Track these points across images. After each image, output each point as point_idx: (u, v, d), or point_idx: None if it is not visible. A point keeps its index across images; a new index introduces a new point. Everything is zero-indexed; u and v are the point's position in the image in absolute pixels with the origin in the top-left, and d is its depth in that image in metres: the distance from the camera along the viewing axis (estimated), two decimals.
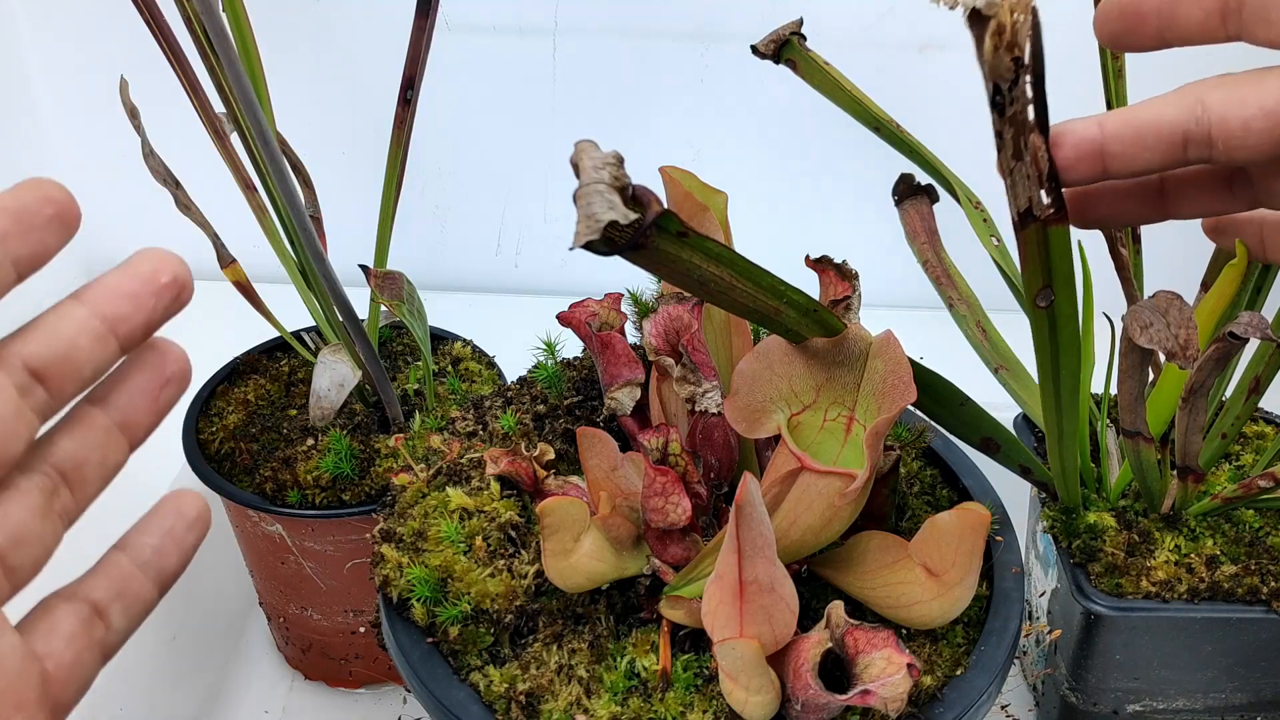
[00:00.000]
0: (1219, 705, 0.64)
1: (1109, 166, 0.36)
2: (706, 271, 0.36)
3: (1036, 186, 0.36)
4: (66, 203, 0.31)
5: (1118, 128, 0.36)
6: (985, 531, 0.43)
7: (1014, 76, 0.33)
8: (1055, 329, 0.42)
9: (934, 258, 0.61)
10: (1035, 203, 0.36)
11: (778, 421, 0.44)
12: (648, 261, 0.34)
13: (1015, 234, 0.38)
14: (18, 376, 0.30)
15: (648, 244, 0.33)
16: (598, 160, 0.31)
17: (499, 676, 0.44)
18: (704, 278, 0.36)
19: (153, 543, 0.36)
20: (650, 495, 0.44)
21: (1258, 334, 0.44)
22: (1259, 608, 0.59)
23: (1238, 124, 0.34)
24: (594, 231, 0.30)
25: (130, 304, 0.32)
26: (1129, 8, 0.38)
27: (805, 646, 0.41)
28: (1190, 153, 0.36)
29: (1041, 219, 0.36)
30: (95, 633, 0.34)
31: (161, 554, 0.36)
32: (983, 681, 0.45)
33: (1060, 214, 0.36)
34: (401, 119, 0.67)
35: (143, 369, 0.34)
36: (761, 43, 0.57)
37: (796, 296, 0.40)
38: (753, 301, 0.38)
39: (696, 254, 0.35)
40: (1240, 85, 0.35)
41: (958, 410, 0.49)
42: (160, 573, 0.36)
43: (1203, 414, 0.53)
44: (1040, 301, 0.40)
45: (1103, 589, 0.59)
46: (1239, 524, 0.62)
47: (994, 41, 0.32)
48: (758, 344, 0.44)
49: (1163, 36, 0.38)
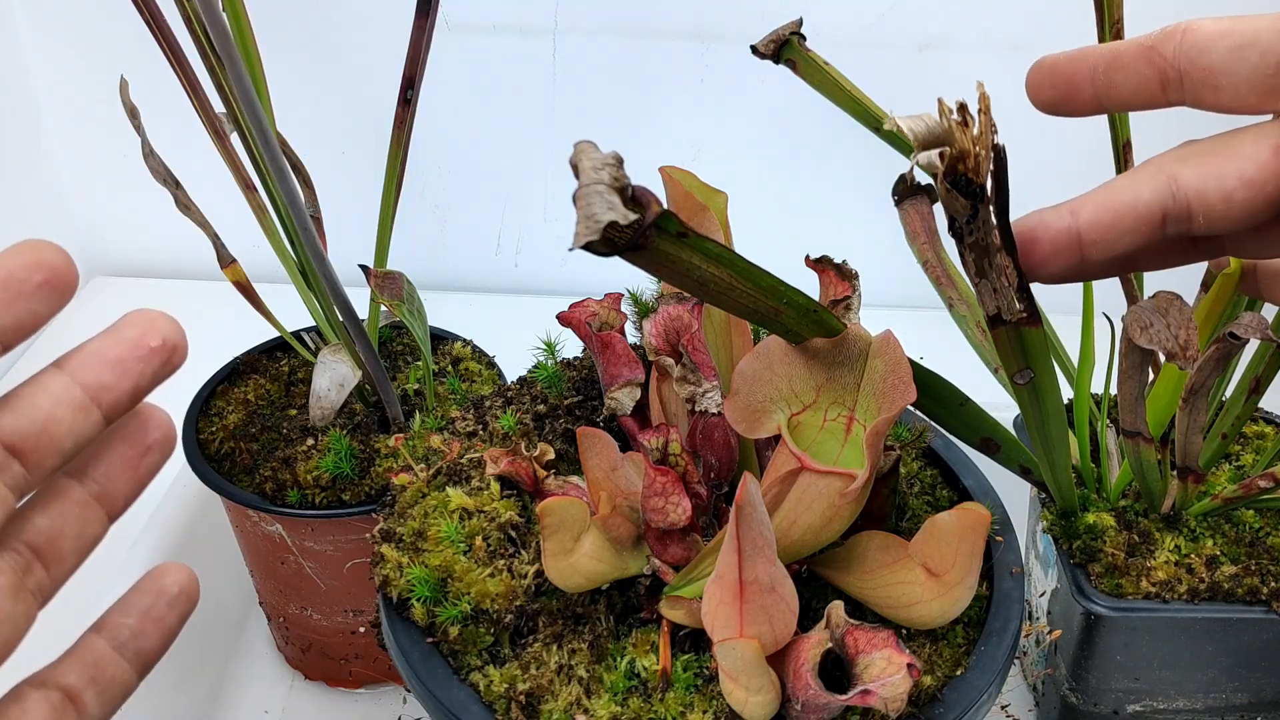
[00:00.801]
0: (1219, 705, 0.63)
1: (1086, 255, 0.35)
2: (706, 272, 0.36)
3: (1007, 296, 0.35)
4: (59, 266, 0.29)
5: (1093, 215, 0.34)
6: (985, 531, 0.43)
7: (972, 210, 0.33)
8: (1038, 400, 0.42)
9: (934, 258, 0.61)
10: (1005, 309, 0.36)
11: (778, 421, 0.44)
12: (647, 262, 0.34)
13: (988, 330, 0.37)
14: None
15: (647, 245, 0.33)
16: (597, 161, 0.31)
17: (499, 676, 0.44)
18: (704, 278, 0.36)
19: (130, 624, 0.34)
20: (650, 495, 0.44)
21: (1258, 334, 0.44)
22: (1259, 608, 0.59)
23: (1218, 197, 0.33)
24: (593, 232, 0.30)
25: (115, 372, 0.31)
26: (1061, 76, 0.37)
27: (805, 646, 0.41)
28: (1169, 229, 0.34)
29: (1013, 322, 0.36)
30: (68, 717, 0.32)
31: (140, 635, 0.34)
32: (983, 682, 0.45)
33: (1032, 317, 0.36)
34: (401, 119, 0.67)
35: (123, 439, 0.33)
36: (761, 43, 0.57)
37: (796, 297, 0.40)
38: (753, 302, 0.38)
39: (696, 255, 0.35)
40: (1213, 156, 0.34)
41: (957, 410, 0.49)
42: (139, 654, 0.34)
43: (1203, 414, 0.53)
44: (1019, 380, 0.40)
45: (1103, 589, 0.59)
46: (1239, 524, 0.62)
47: (944, 186, 0.32)
48: (758, 344, 0.44)
49: (1100, 103, 0.37)
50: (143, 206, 0.96)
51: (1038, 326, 0.36)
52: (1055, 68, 0.38)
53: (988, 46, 1.05)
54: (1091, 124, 0.68)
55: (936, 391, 0.48)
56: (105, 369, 0.31)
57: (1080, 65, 0.37)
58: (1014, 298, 0.35)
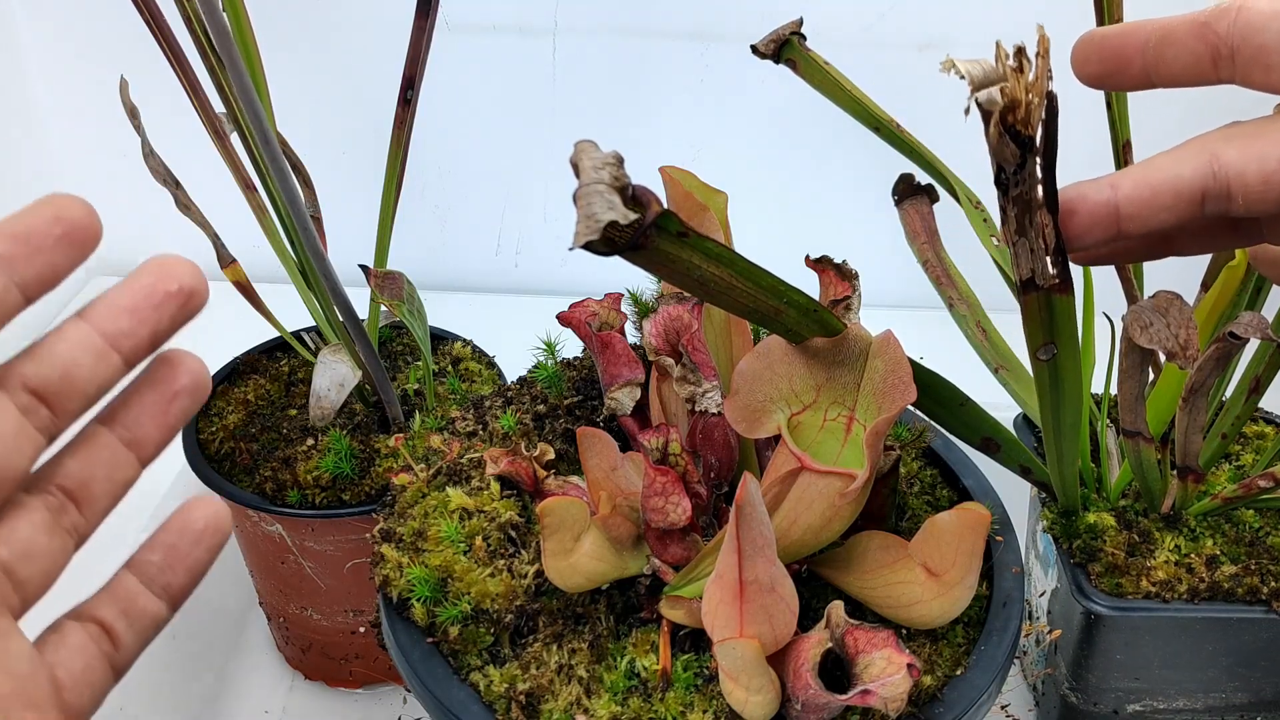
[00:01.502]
0: (1219, 705, 0.63)
1: (1124, 229, 0.35)
2: (706, 272, 0.36)
3: (1042, 260, 0.35)
4: (81, 219, 0.30)
5: (1132, 190, 0.34)
6: (985, 531, 0.43)
7: (1020, 160, 0.32)
8: (1057, 381, 0.42)
9: (934, 257, 0.61)
10: (1039, 273, 0.35)
11: (778, 421, 0.44)
12: (647, 262, 0.34)
13: (1018, 297, 0.37)
14: (20, 398, 0.30)
15: (647, 244, 0.32)
16: (597, 160, 0.31)
17: (499, 676, 0.44)
18: (704, 278, 0.36)
19: (157, 560, 0.36)
20: (650, 495, 0.44)
21: (1258, 334, 0.44)
22: (1259, 608, 0.59)
23: (1258, 179, 0.33)
24: (594, 232, 0.30)
25: (131, 319, 0.32)
26: (1110, 49, 0.37)
27: (805, 646, 0.41)
28: (1208, 208, 0.34)
29: (1045, 288, 0.36)
30: (104, 648, 0.34)
31: (167, 571, 0.36)
32: (983, 681, 0.45)
33: (1065, 284, 0.36)
34: (401, 119, 0.67)
35: (153, 385, 0.34)
36: (761, 43, 0.57)
37: (797, 297, 0.40)
38: (753, 302, 0.38)
39: (696, 254, 0.35)
40: (1257, 138, 0.34)
41: (958, 410, 0.49)
42: (168, 589, 0.36)
43: (1203, 414, 0.53)
44: (1042, 355, 0.40)
45: (1103, 589, 0.59)
46: (1239, 524, 0.62)
47: (997, 129, 0.32)
48: (758, 344, 0.44)
49: (1148, 78, 0.37)
50: (143, 206, 0.96)
51: (1069, 294, 0.36)
52: (1104, 41, 0.37)
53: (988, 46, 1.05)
54: (1092, 123, 0.68)
55: (937, 391, 0.48)
56: (122, 316, 0.32)
57: (1130, 39, 0.37)
58: (1049, 261, 0.35)
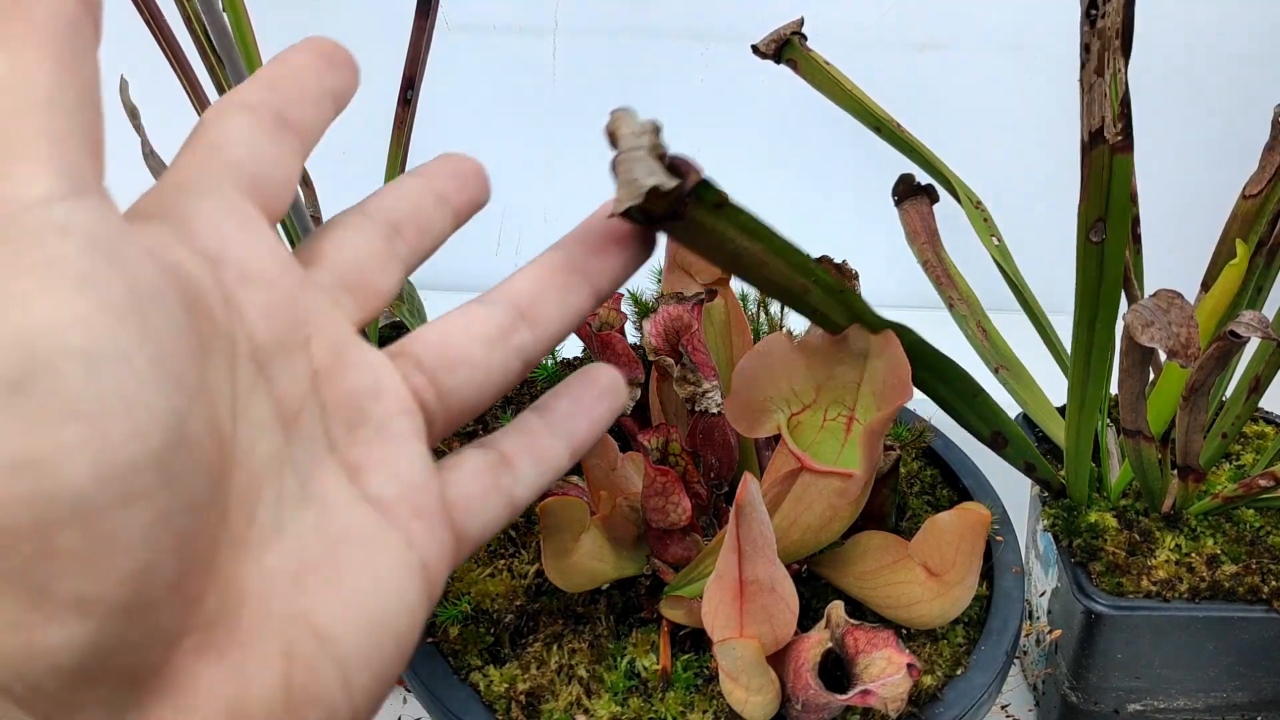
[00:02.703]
0: (1220, 704, 0.63)
1: None
2: (740, 245, 0.35)
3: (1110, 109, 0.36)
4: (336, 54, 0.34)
5: None
6: (985, 531, 0.43)
7: None
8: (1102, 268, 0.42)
9: (934, 258, 0.61)
10: (1107, 124, 0.36)
11: (778, 421, 0.44)
12: (684, 233, 0.33)
13: (1081, 158, 0.38)
14: (382, 228, 0.32)
15: (685, 214, 0.32)
16: (636, 127, 0.30)
17: (499, 676, 0.44)
18: (737, 251, 0.35)
19: (564, 407, 0.35)
20: (650, 495, 0.44)
21: (1259, 333, 0.44)
22: (1260, 607, 0.59)
23: None
24: (636, 196, 0.29)
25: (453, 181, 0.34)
26: None
27: (805, 646, 0.41)
28: None
29: (1110, 143, 0.37)
30: (502, 479, 0.33)
31: (571, 418, 0.35)
32: (983, 681, 0.45)
33: (1128, 143, 0.37)
34: (401, 119, 0.67)
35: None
36: (762, 43, 0.57)
37: (825, 277, 0.39)
38: (783, 279, 0.37)
39: (731, 226, 0.34)
40: None
41: (972, 402, 0.49)
42: (570, 436, 0.35)
43: (1203, 413, 0.53)
44: (1093, 236, 0.40)
45: (1103, 588, 0.59)
46: (1239, 523, 0.62)
47: None
48: (757, 343, 0.44)
49: None
50: None
51: (1130, 154, 0.37)
52: None
53: (988, 46, 1.05)
54: None
55: (954, 381, 0.47)
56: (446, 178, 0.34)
57: None
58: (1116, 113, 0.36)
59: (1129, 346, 0.46)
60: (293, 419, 0.28)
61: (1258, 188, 0.56)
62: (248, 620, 0.25)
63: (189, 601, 0.23)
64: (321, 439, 0.29)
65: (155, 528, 0.21)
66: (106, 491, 0.21)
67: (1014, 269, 0.62)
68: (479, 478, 0.32)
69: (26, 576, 0.20)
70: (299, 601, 0.26)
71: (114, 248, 0.22)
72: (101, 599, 0.21)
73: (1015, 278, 0.62)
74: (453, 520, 0.31)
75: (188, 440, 0.22)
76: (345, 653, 0.26)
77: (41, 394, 0.20)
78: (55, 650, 0.21)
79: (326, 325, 0.30)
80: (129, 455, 0.21)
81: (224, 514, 0.25)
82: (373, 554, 0.28)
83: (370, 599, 0.27)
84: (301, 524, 0.27)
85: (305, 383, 0.28)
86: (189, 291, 0.25)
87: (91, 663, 0.21)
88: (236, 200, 0.28)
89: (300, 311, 0.29)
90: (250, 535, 0.25)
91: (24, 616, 0.20)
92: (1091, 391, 0.50)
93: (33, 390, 0.20)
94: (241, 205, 0.28)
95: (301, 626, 0.25)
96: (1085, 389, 0.50)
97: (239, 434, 0.26)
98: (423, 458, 0.30)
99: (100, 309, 0.21)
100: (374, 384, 0.30)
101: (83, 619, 0.21)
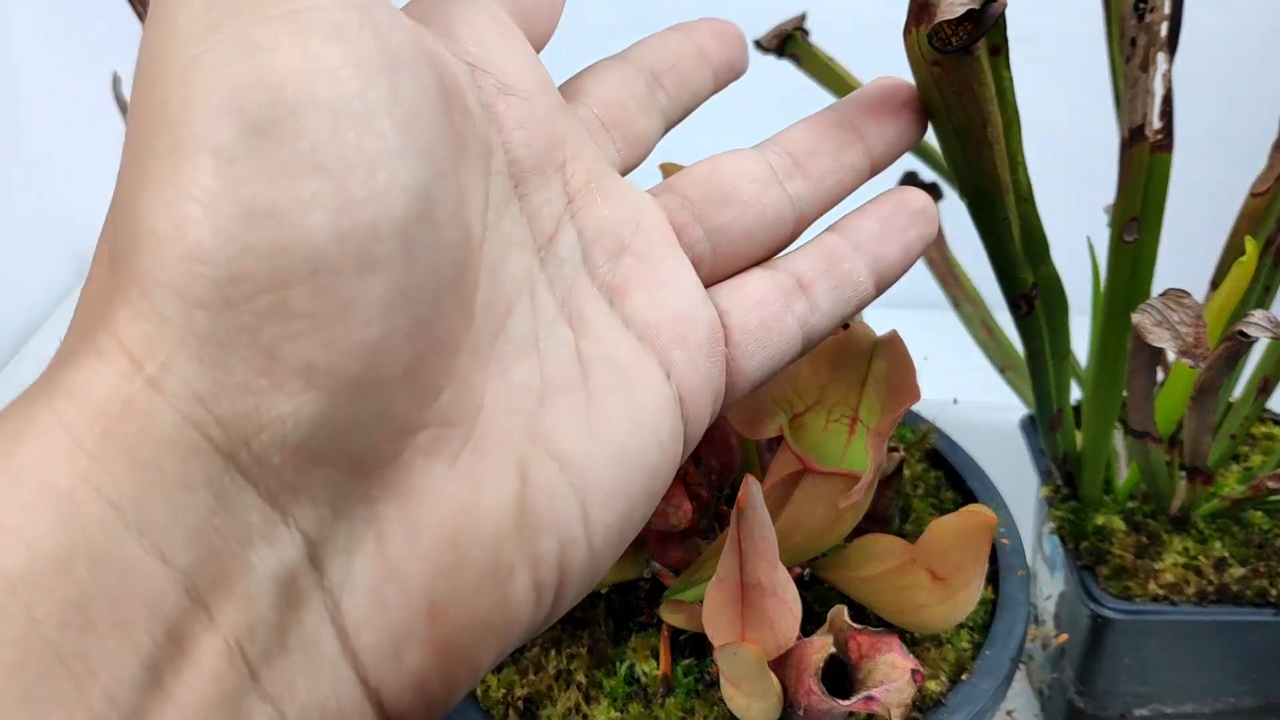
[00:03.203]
0: (1228, 709, 0.63)
1: None
2: (990, 107, 0.32)
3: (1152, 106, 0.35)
4: None
5: None
6: (990, 534, 0.42)
7: None
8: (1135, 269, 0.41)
9: (939, 255, 0.61)
10: (1148, 122, 0.36)
11: (780, 422, 0.43)
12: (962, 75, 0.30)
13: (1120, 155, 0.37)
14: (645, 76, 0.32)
15: (975, 50, 0.29)
16: None
17: (496, 682, 0.44)
18: (989, 118, 0.32)
19: (871, 227, 0.32)
20: None
21: (1268, 333, 0.43)
22: (1268, 610, 0.58)
23: None
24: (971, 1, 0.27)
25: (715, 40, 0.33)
26: None
27: (808, 651, 0.40)
28: None
29: (1150, 141, 0.36)
30: (795, 306, 0.30)
31: (880, 240, 0.32)
32: (988, 686, 0.44)
33: (1167, 142, 0.37)
34: None
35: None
36: (764, 37, 0.56)
37: (1023, 177, 0.37)
38: (998, 168, 0.34)
39: (997, 79, 0.31)
40: None
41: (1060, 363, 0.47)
42: (877, 260, 0.32)
43: (1212, 414, 0.52)
44: (1127, 236, 0.39)
45: (1111, 592, 0.58)
46: (1248, 526, 0.61)
47: None
48: None
49: None
50: None
51: (1170, 152, 0.36)
52: None
53: None
54: (1096, 120, 0.68)
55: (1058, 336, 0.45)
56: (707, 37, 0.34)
57: None
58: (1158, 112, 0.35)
59: (1137, 347, 0.45)
60: (548, 240, 0.27)
61: (1266, 185, 0.55)
62: (485, 430, 0.23)
63: (424, 393, 0.22)
64: (579, 263, 0.27)
65: (393, 301, 0.21)
66: (344, 252, 0.20)
67: None
68: (762, 307, 0.30)
69: (258, 335, 0.19)
70: (543, 421, 0.24)
71: (370, 8, 0.21)
72: (331, 370, 0.20)
73: None
74: (727, 354, 0.29)
75: (432, 218, 0.21)
76: (587, 482, 0.24)
77: (283, 142, 0.20)
78: (282, 419, 0.20)
79: (583, 153, 0.29)
80: (369, 216, 0.20)
81: (468, 313, 0.24)
82: (627, 381, 0.26)
83: (619, 428, 0.25)
84: (554, 342, 0.26)
85: (560, 204, 0.27)
86: (446, 79, 0.24)
87: (318, 439, 0.20)
88: (499, 12, 0.28)
89: (557, 134, 0.28)
90: (497, 347, 0.25)
91: (254, 380, 0.20)
92: (1112, 394, 0.49)
93: (275, 137, 0.20)
94: (503, 18, 0.28)
95: (542, 448, 0.24)
96: (1105, 391, 0.49)
97: (489, 244, 0.25)
98: (690, 286, 0.29)
99: (349, 63, 0.21)
100: (634, 215, 0.29)
101: (312, 389, 0.20)
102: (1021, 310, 0.41)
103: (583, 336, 0.26)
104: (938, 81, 0.31)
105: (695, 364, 0.28)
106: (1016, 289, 0.41)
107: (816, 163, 0.32)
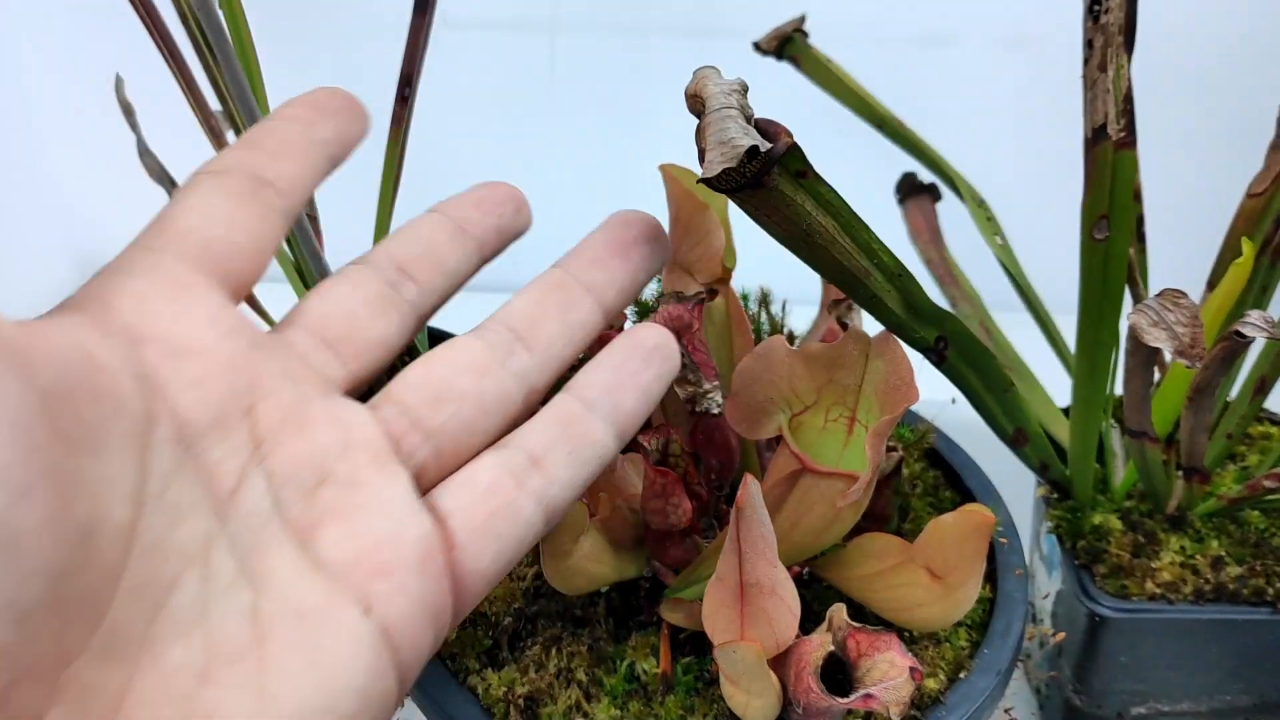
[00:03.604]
0: (1225, 708, 0.63)
1: None
2: (815, 221, 0.32)
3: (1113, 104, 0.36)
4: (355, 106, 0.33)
5: None
6: (989, 533, 0.42)
7: None
8: (1106, 266, 0.42)
9: (937, 256, 0.61)
10: (1110, 121, 0.36)
11: (779, 422, 0.43)
12: (762, 203, 0.30)
13: (1084, 154, 0.38)
14: (387, 273, 0.31)
15: (769, 183, 0.29)
16: (724, 86, 0.28)
17: (498, 680, 0.44)
18: (811, 228, 0.33)
19: (603, 380, 0.31)
20: (650, 497, 0.43)
21: (1265, 333, 0.43)
22: (1264, 609, 0.58)
23: None
24: (732, 159, 0.27)
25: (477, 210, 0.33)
26: None
27: (807, 649, 0.40)
28: None
29: (1113, 139, 0.36)
30: (530, 483, 0.29)
31: (615, 390, 0.31)
32: (986, 684, 0.45)
33: (1130, 139, 0.38)
34: (399, 117, 0.66)
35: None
36: (764, 39, 0.56)
37: (887, 259, 0.37)
38: (848, 260, 0.35)
39: (809, 199, 0.32)
40: None
41: (1002, 396, 0.48)
42: (615, 412, 0.31)
43: (1209, 414, 0.52)
44: (1097, 234, 0.40)
45: (1108, 591, 0.59)
46: (1244, 525, 0.62)
47: None
48: (758, 344, 0.44)
49: None
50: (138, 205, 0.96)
51: (1133, 149, 0.37)
52: None
53: (991, 42, 1.04)
54: None
55: (988, 374, 0.46)
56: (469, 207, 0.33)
57: None
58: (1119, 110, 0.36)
59: (1134, 346, 0.45)
60: (229, 494, 0.26)
61: (1262, 186, 0.55)
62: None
63: None
64: (268, 511, 0.26)
65: None
66: None
67: (1018, 268, 0.61)
68: (491, 495, 0.29)
69: None
70: (204, 701, 0.23)
71: None
72: None
73: (1019, 277, 0.61)
74: (453, 559, 0.28)
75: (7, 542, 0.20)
76: None
77: None
78: None
79: (279, 389, 0.27)
80: None
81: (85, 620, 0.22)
82: (313, 632, 0.25)
83: (300, 687, 0.24)
84: (228, 609, 0.24)
85: (245, 454, 0.26)
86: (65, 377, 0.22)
87: None
88: (176, 273, 0.27)
89: (242, 379, 0.27)
90: (154, 629, 0.23)
91: None
92: (1096, 391, 0.50)
93: None
94: (181, 277, 0.27)
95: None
96: (1090, 389, 0.50)
97: (147, 521, 0.23)
98: (399, 503, 0.27)
99: None
100: (341, 438, 0.28)
101: None
102: (935, 360, 0.43)
103: (264, 594, 0.25)
104: (745, 207, 0.31)
105: (404, 588, 0.26)
106: (921, 345, 0.42)
107: (542, 331, 0.31)
